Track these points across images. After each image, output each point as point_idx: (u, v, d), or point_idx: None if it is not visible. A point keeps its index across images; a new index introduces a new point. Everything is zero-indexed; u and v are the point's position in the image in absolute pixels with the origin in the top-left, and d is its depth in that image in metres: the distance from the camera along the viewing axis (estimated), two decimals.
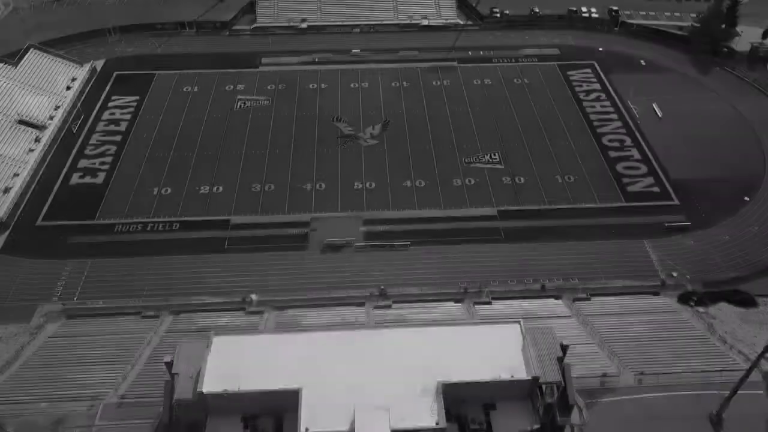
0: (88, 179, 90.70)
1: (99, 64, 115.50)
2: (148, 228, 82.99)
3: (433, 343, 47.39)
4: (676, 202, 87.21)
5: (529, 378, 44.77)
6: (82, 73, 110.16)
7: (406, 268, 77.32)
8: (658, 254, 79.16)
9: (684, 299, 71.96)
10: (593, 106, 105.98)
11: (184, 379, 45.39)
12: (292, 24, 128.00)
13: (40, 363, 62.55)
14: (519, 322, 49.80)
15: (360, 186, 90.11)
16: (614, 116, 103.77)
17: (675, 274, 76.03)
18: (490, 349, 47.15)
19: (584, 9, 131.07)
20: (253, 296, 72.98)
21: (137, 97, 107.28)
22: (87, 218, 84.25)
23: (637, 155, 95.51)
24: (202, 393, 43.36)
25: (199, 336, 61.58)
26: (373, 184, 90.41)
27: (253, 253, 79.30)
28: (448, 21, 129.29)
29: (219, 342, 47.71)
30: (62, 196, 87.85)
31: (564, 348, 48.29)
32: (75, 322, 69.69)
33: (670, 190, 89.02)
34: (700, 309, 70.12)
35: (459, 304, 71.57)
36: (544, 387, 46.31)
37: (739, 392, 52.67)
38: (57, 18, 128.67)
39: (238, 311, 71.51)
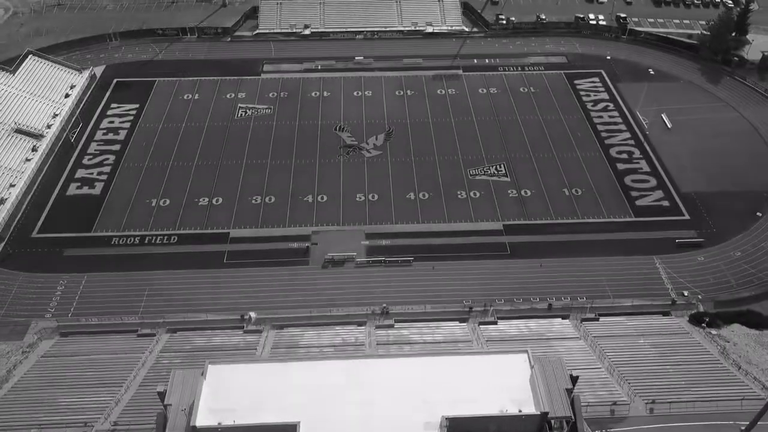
0: (85, 190, 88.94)
1: (99, 70, 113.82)
2: (146, 241, 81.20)
3: (438, 374, 45.32)
4: (687, 216, 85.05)
5: (538, 413, 42.72)
6: (81, 79, 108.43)
7: (408, 284, 75.37)
8: (669, 272, 77.06)
9: (695, 320, 69.84)
10: (601, 116, 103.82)
11: (176, 412, 43.46)
12: (294, 30, 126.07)
13: (31, 385, 60.64)
14: (527, 351, 47.72)
15: (362, 198, 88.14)
16: (622, 127, 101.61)
17: (686, 293, 73.93)
18: (496, 380, 45.05)
19: (591, 16, 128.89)
20: (252, 314, 71.08)
21: (137, 105, 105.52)
22: (84, 230, 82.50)
23: (645, 167, 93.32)
24: (195, 428, 41.45)
25: (195, 360, 60.18)
26: (376, 196, 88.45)
27: (253, 268, 77.47)
28: (453, 28, 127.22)
29: (214, 371, 45.78)
30: (59, 207, 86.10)
31: (574, 379, 46.23)
32: (69, 340, 67.90)
33: (681, 205, 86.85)
34: (713, 331, 67.97)
35: (463, 324, 69.52)
36: (553, 421, 44.30)
37: (759, 423, 50.43)
38: (57, 23, 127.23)
39: (236, 329, 69.63)
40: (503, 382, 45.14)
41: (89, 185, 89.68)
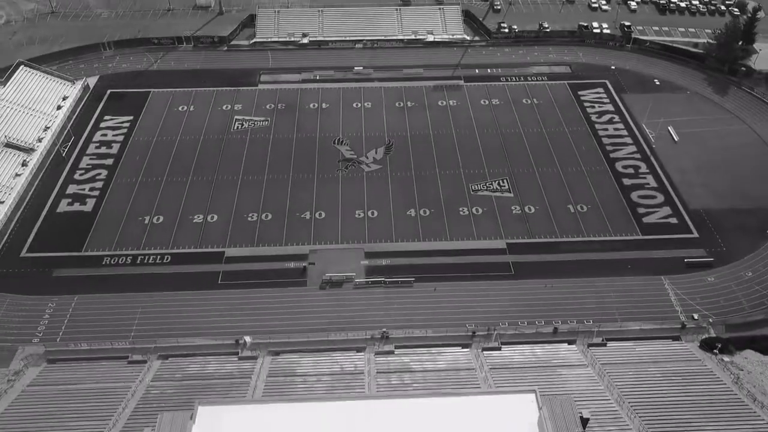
0: (76, 206, 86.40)
1: (92, 80, 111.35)
2: (138, 261, 78.69)
3: (441, 419, 42.83)
4: (696, 235, 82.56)
5: None
6: (74, 91, 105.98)
7: (409, 306, 72.91)
8: (678, 293, 74.60)
9: (707, 345, 67.31)
10: (606, 129, 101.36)
11: None
12: (292, 39, 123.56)
13: (15, 417, 58.07)
14: (534, 392, 45.25)
15: (362, 215, 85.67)
16: (628, 140, 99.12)
17: (696, 316, 71.45)
18: (503, 424, 42.59)
19: (595, 24, 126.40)
20: (247, 338, 68.57)
21: (131, 117, 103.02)
22: (74, 249, 79.99)
23: (652, 183, 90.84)
24: None
25: (186, 392, 57.77)
26: (376, 213, 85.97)
27: (248, 290, 74.99)
28: (455, 36, 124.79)
29: (204, 413, 43.31)
30: (49, 224, 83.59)
31: (584, 421, 43.81)
32: (56, 368, 65.36)
33: (689, 222, 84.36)
34: (725, 358, 65.48)
35: (466, 350, 67.02)
36: None
37: None
38: (51, 31, 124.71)
39: (230, 356, 67.09)
40: (510, 426, 42.63)
41: (80, 201, 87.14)
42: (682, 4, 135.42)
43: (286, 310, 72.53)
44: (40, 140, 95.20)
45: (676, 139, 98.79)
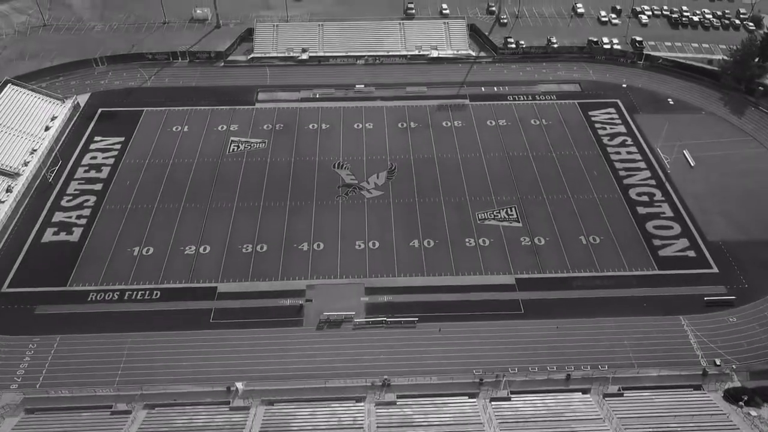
0: (62, 236, 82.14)
1: (83, 98, 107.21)
2: (126, 297, 74.42)
3: None
4: (715, 269, 78.08)
5: None
6: (63, 110, 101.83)
7: (413, 349, 68.54)
8: (698, 335, 70.13)
9: (731, 397, 62.81)
10: (618, 152, 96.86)
11: None
12: (291, 54, 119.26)
13: None
14: None
15: (362, 245, 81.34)
16: (642, 164, 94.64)
17: (718, 362, 66.96)
18: None
19: (605, 39, 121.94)
20: (239, 385, 64.23)
21: (122, 138, 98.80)
22: (58, 284, 75.76)
23: (668, 212, 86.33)
24: None
25: None
26: (377, 244, 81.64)
27: (242, 329, 70.70)
28: (460, 52, 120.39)
29: None
30: (33, 256, 79.34)
31: None
32: (35, 418, 61.13)
33: (708, 255, 79.86)
34: (752, 412, 60.96)
35: (473, 400, 62.56)
36: None
37: None
38: (42, 45, 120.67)
39: (221, 405, 62.75)
40: None
41: (67, 231, 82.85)
42: (695, 18, 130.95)
43: (281, 353, 68.16)
44: (26, 164, 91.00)
45: (692, 164, 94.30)
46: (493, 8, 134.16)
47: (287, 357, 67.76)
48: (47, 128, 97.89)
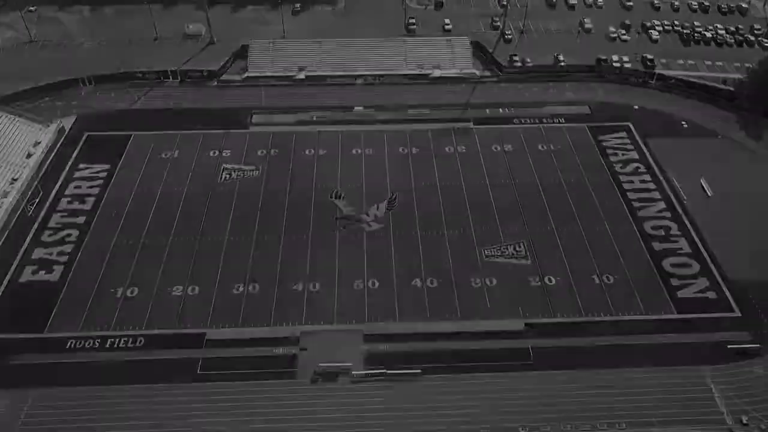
0: (41, 275, 77.10)
1: (68, 121, 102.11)
2: (107, 345, 69.35)
3: None
4: (738, 313, 73.03)
5: None
6: (47, 135, 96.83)
7: (416, 406, 63.50)
8: (721, 388, 65.17)
9: None
10: (632, 181, 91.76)
11: None
12: (288, 74, 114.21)
13: None
14: None
15: (361, 286, 76.37)
16: (656, 194, 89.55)
17: (745, 420, 62.01)
18: None
19: (615, 57, 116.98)
20: None
21: (108, 166, 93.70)
22: (35, 330, 70.69)
23: (686, 248, 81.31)
24: None
25: None
26: (377, 283, 76.67)
27: (231, 382, 65.71)
28: (463, 71, 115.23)
29: None
30: (9, 298, 74.25)
31: None
32: None
33: (729, 297, 74.82)
34: None
35: None
36: None
37: None
38: (28, 63, 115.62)
39: None
40: None
41: (47, 269, 77.80)
42: (707, 34, 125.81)
43: (272, 410, 63.09)
44: (5, 195, 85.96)
45: (709, 194, 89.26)
46: (498, 23, 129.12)
47: (279, 415, 62.60)
48: (29, 155, 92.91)
